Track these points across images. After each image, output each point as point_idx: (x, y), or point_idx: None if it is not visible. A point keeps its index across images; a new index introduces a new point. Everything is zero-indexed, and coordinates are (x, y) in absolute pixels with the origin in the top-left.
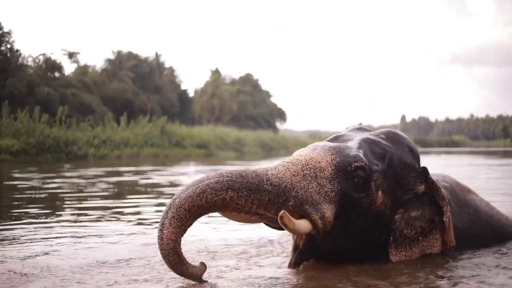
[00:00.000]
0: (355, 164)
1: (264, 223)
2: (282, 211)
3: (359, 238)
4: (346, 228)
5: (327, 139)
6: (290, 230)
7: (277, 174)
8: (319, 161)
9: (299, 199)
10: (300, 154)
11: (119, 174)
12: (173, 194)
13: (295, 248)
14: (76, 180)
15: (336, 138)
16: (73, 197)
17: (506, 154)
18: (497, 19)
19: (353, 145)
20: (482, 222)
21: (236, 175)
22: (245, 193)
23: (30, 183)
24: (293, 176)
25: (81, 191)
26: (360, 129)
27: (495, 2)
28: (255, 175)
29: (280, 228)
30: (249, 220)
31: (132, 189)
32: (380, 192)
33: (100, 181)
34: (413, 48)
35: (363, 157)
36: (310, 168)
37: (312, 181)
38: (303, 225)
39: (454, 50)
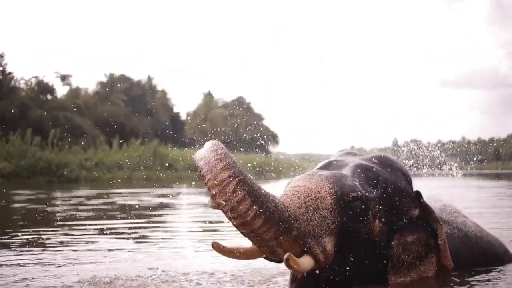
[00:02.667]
0: (353, 194)
1: (264, 257)
2: (287, 253)
3: (358, 266)
4: (345, 258)
5: (319, 165)
6: (295, 270)
7: (283, 207)
8: (318, 191)
9: (302, 231)
10: (299, 184)
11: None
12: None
13: (293, 279)
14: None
15: (328, 165)
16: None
17: (498, 177)
18: (486, 42)
19: (347, 172)
20: (472, 243)
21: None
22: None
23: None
24: (297, 208)
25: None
26: (350, 153)
27: (483, 25)
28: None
29: (279, 261)
30: (249, 257)
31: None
32: (377, 221)
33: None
34: (404, 71)
35: (359, 187)
36: (312, 199)
37: (315, 213)
38: (306, 262)
39: (444, 73)
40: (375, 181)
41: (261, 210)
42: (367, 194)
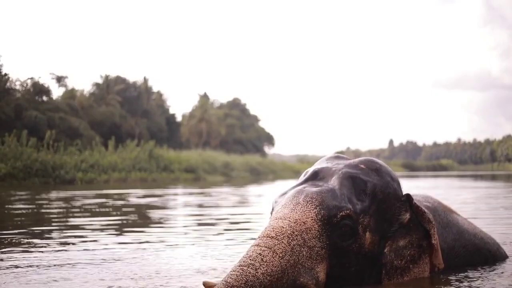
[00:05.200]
0: (341, 214)
1: None
2: None
3: (352, 279)
4: (338, 275)
5: (306, 174)
6: None
7: (266, 271)
8: (304, 222)
9: (291, 279)
10: (283, 216)
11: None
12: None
13: None
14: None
15: (316, 174)
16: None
17: (493, 178)
18: (478, 44)
19: (334, 184)
20: (466, 241)
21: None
22: None
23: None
24: (281, 259)
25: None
26: (338, 157)
27: (474, 27)
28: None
29: None
30: None
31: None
32: (367, 233)
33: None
34: (398, 73)
35: (347, 204)
36: (296, 236)
37: (302, 249)
38: None
39: (436, 74)
40: (363, 190)
41: None
42: (355, 207)
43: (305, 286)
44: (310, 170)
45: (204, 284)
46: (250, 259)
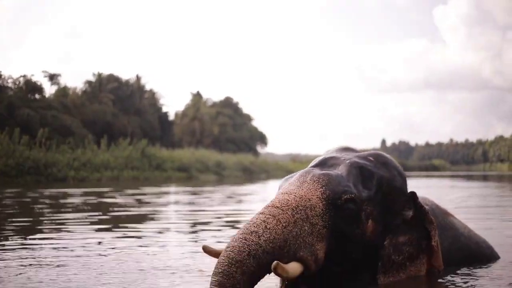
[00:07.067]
0: (345, 196)
1: None
2: (275, 262)
3: (350, 266)
4: (337, 260)
5: (315, 161)
6: (284, 277)
7: (269, 237)
8: (309, 199)
9: (292, 251)
10: (289, 191)
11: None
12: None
13: None
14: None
15: (324, 162)
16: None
17: (485, 178)
18: (467, 44)
19: (342, 171)
20: (462, 244)
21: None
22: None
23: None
24: (285, 228)
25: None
26: (347, 149)
27: (465, 28)
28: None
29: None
30: None
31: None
32: (370, 221)
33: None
34: (390, 73)
35: (352, 188)
36: (300, 210)
37: (304, 224)
38: (296, 269)
39: (427, 75)
40: (369, 180)
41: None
42: (360, 194)
43: (304, 260)
44: (319, 158)
45: (204, 248)
46: (254, 226)
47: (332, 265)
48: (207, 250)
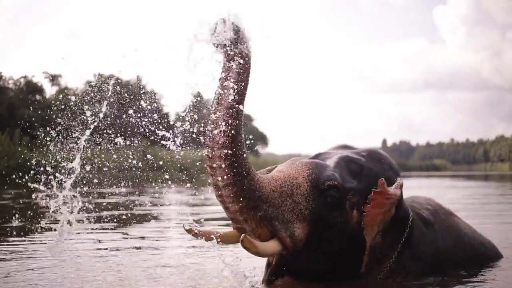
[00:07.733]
0: (328, 182)
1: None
2: (243, 235)
3: (333, 256)
4: (319, 247)
5: (310, 157)
6: (253, 253)
7: (257, 180)
8: (296, 177)
9: (269, 214)
10: (280, 169)
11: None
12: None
13: (268, 264)
14: None
15: (317, 156)
16: None
17: (486, 178)
18: (467, 44)
19: (330, 162)
20: (466, 245)
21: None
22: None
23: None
24: (272, 191)
25: None
26: (344, 147)
27: (465, 27)
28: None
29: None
30: (226, 240)
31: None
32: (355, 211)
33: None
34: (390, 73)
35: (337, 176)
36: (287, 185)
37: (288, 199)
38: (270, 246)
39: (426, 75)
40: (358, 172)
41: (232, 181)
42: (345, 184)
43: (277, 232)
44: (314, 154)
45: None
46: (250, 176)
47: (315, 252)
48: (193, 231)
